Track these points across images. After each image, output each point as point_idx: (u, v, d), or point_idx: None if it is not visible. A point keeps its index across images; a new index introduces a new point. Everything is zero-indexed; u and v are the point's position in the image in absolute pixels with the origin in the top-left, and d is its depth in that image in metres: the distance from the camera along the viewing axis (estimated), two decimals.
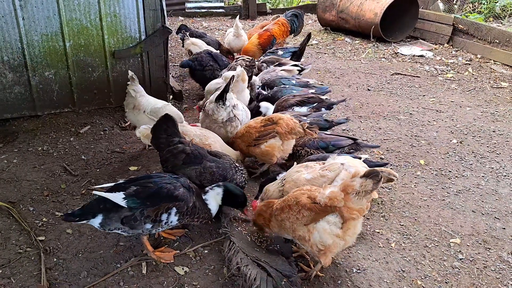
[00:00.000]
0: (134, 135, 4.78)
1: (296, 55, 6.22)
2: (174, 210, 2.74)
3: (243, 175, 3.45)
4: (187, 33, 6.64)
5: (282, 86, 4.98)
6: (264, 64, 5.72)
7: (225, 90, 3.85)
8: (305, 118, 4.19)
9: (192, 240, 3.16)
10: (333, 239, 2.58)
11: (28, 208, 3.44)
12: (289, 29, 7.32)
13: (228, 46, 7.28)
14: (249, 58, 5.45)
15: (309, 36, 6.31)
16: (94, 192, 2.71)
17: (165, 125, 3.23)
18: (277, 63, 5.68)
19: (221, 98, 3.88)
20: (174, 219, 2.77)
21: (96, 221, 2.68)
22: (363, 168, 3.08)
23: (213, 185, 3.03)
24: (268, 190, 3.30)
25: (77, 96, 5.03)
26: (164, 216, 2.72)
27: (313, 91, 4.90)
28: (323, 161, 3.28)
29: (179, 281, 2.79)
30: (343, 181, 2.61)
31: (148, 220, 2.70)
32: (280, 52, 6.28)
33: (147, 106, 4.27)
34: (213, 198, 2.98)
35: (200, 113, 4.25)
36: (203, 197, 2.96)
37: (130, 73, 4.27)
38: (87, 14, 4.73)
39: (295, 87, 4.95)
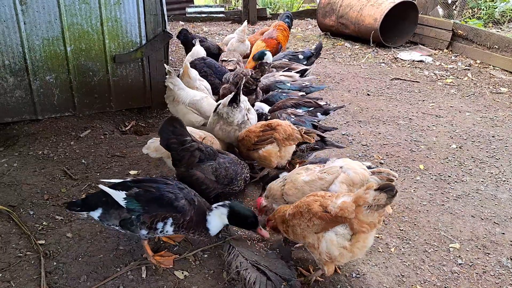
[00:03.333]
0: (134, 139, 4.80)
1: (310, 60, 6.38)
2: (170, 220, 2.71)
3: (248, 170, 3.58)
4: (198, 40, 6.63)
5: (276, 90, 5.00)
6: (274, 70, 5.73)
7: (237, 92, 3.89)
8: (292, 117, 4.22)
9: (191, 245, 3.16)
10: (340, 251, 2.55)
11: (28, 212, 3.45)
12: (289, 32, 7.44)
13: None
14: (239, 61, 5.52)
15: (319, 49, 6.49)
16: (100, 185, 2.72)
17: (171, 127, 3.23)
18: (286, 68, 5.74)
19: (234, 101, 3.91)
20: (169, 229, 2.74)
21: (95, 214, 2.71)
22: (362, 170, 3.08)
23: (218, 204, 2.88)
24: (271, 188, 3.32)
25: (77, 100, 5.05)
26: (159, 225, 2.70)
27: (302, 93, 4.92)
28: (323, 164, 3.29)
29: (179, 285, 2.79)
30: (357, 192, 2.52)
31: (144, 227, 2.69)
32: (300, 56, 6.31)
33: (186, 98, 4.39)
34: (217, 217, 2.85)
35: (210, 115, 4.25)
36: (207, 214, 2.84)
37: (167, 67, 4.34)
38: (88, 19, 4.77)
39: (286, 91, 4.96)
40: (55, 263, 2.92)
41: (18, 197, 3.64)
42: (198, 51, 6.17)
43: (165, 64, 4.46)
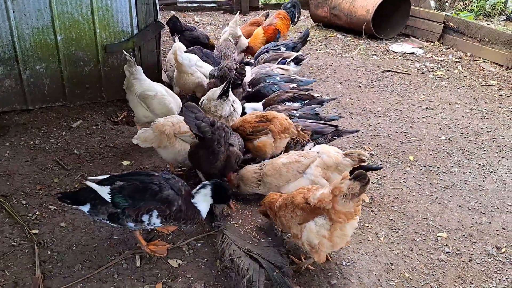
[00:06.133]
0: (126, 129, 4.80)
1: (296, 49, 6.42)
2: (155, 212, 2.70)
3: None
4: (177, 37, 6.56)
5: (266, 82, 5.03)
6: (273, 64, 5.73)
7: (227, 87, 3.93)
8: (295, 112, 4.26)
9: (185, 234, 3.20)
10: (320, 239, 2.64)
11: (21, 202, 3.45)
12: (290, 21, 7.42)
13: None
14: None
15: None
16: (86, 182, 2.73)
17: (193, 114, 3.25)
18: (280, 59, 5.75)
19: (225, 94, 3.96)
20: (156, 221, 2.73)
21: (85, 208, 2.74)
22: (336, 154, 3.30)
23: (198, 187, 2.90)
24: (245, 169, 3.56)
25: (68, 90, 5.01)
26: (145, 217, 2.70)
27: (294, 85, 4.96)
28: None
29: (173, 273, 2.83)
30: (334, 183, 2.61)
31: (130, 220, 2.70)
32: (282, 49, 6.32)
33: (139, 89, 4.24)
34: (202, 199, 2.88)
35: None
36: (192, 200, 2.85)
37: (127, 55, 4.20)
38: (78, 8, 4.71)
39: (277, 83, 4.99)
40: (49, 252, 2.94)
41: (10, 187, 3.63)
42: (180, 47, 6.14)
43: (124, 51, 4.36)
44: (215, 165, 3.44)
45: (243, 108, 4.59)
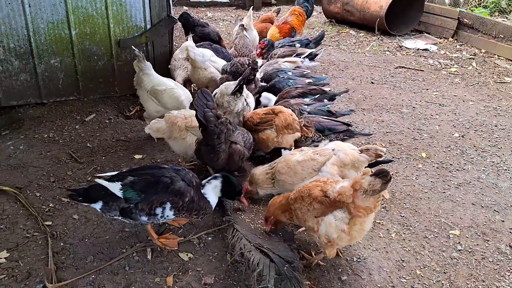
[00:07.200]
0: (139, 123, 4.83)
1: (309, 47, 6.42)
2: (168, 204, 2.71)
3: None
4: (190, 36, 6.56)
5: (280, 77, 5.02)
6: (280, 59, 5.73)
7: (241, 83, 3.94)
8: (306, 107, 4.26)
9: (196, 227, 3.22)
10: (338, 234, 2.62)
11: (35, 194, 3.50)
12: (305, 17, 7.37)
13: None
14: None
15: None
16: (96, 179, 2.76)
17: (205, 99, 3.26)
18: (294, 54, 5.77)
19: (239, 91, 3.97)
20: (170, 213, 2.75)
21: (97, 206, 2.76)
22: (352, 151, 3.25)
23: (209, 178, 2.94)
24: (254, 173, 3.48)
25: (82, 84, 5.06)
26: (158, 210, 2.71)
27: (310, 80, 4.94)
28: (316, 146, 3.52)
29: (183, 266, 2.85)
30: (355, 177, 2.60)
31: (143, 214, 2.71)
32: (298, 45, 6.33)
33: (149, 84, 4.30)
34: (212, 191, 2.90)
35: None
36: (202, 191, 2.88)
37: (136, 51, 4.25)
38: (92, 2, 4.75)
39: (292, 78, 4.99)
40: (62, 244, 2.98)
41: (24, 179, 3.69)
42: (190, 44, 6.14)
43: (133, 47, 4.39)
44: (217, 163, 3.48)
45: (259, 97, 4.61)
